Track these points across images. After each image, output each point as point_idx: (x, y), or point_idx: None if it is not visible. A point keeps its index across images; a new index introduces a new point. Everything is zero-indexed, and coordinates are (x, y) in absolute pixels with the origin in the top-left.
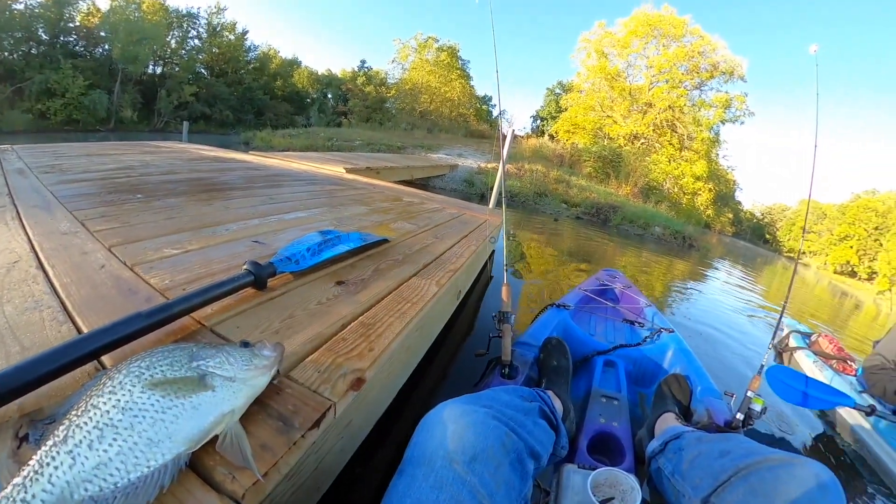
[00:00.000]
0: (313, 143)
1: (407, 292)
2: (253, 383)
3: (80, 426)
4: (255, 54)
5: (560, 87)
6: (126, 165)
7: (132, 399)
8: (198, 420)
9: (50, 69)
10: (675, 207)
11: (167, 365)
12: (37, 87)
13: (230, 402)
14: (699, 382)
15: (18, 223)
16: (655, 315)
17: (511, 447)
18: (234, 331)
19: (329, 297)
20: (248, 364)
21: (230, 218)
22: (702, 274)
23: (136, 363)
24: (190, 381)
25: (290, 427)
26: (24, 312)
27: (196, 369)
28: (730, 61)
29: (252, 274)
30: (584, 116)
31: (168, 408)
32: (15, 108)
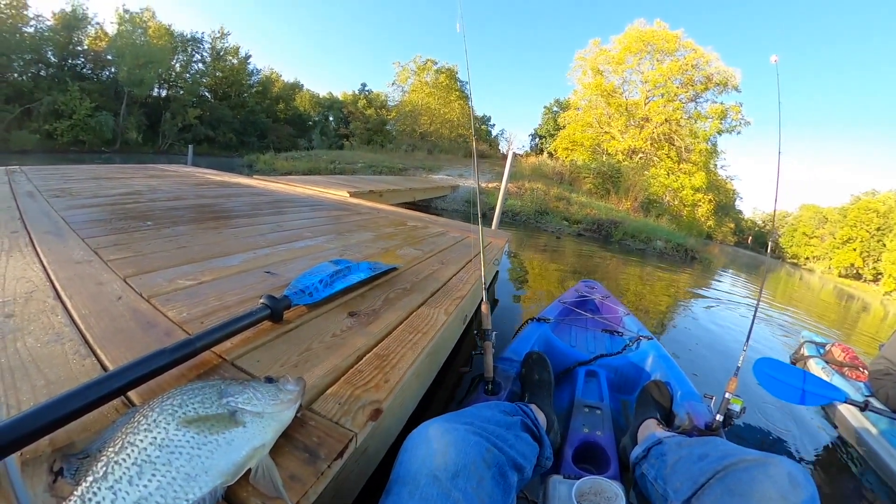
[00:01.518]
0: (316, 166)
1: (417, 322)
2: (280, 417)
3: (118, 462)
4: (257, 78)
5: (557, 104)
6: (134, 190)
7: (168, 436)
8: (232, 455)
9: (58, 91)
10: (676, 220)
11: (199, 402)
12: (45, 108)
13: (261, 437)
14: (679, 387)
15: (32, 250)
16: (634, 323)
17: (492, 461)
18: (255, 365)
19: (343, 328)
20: (274, 399)
21: (240, 247)
22: (704, 286)
23: (169, 401)
24: (222, 418)
25: (316, 458)
26: (46, 345)
27: (226, 406)
28: (723, 72)
29: (269, 308)
30: (582, 133)
31: (203, 444)
32: (24, 129)
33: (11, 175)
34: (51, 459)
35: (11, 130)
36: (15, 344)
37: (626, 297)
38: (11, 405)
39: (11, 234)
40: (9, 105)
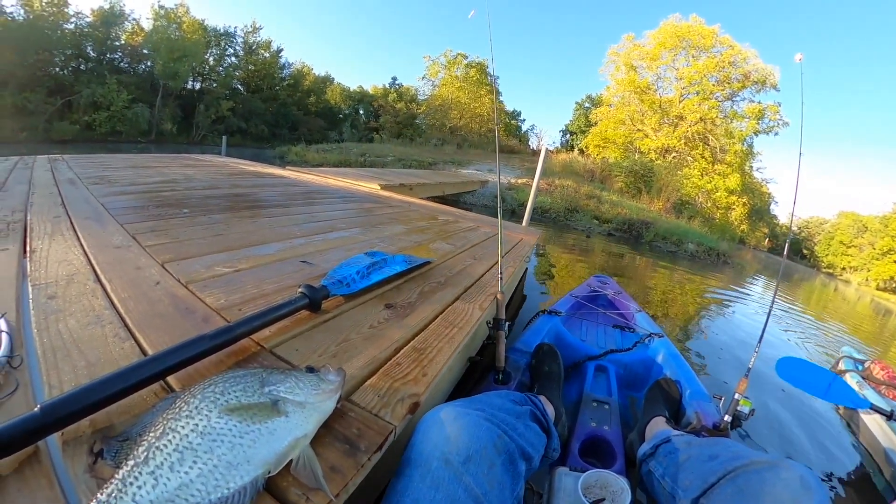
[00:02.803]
0: (346, 159)
1: (452, 316)
2: (322, 408)
3: (160, 448)
4: (289, 71)
5: (589, 100)
6: (170, 179)
7: (209, 424)
8: (274, 444)
9: (97, 84)
10: (709, 223)
11: (241, 391)
12: (84, 101)
13: (303, 427)
14: (688, 386)
15: (73, 234)
16: (645, 320)
17: (503, 448)
18: (293, 353)
19: (380, 320)
20: (316, 389)
21: (275, 237)
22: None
23: (210, 388)
24: (264, 407)
25: (356, 450)
26: (86, 327)
27: (269, 395)
28: (761, 70)
29: (307, 297)
30: (615, 130)
31: (245, 432)
32: (64, 120)
33: (53, 163)
34: (91, 441)
35: (53, 121)
36: (57, 325)
37: (652, 300)
38: (53, 385)
39: (54, 219)
40: (51, 98)
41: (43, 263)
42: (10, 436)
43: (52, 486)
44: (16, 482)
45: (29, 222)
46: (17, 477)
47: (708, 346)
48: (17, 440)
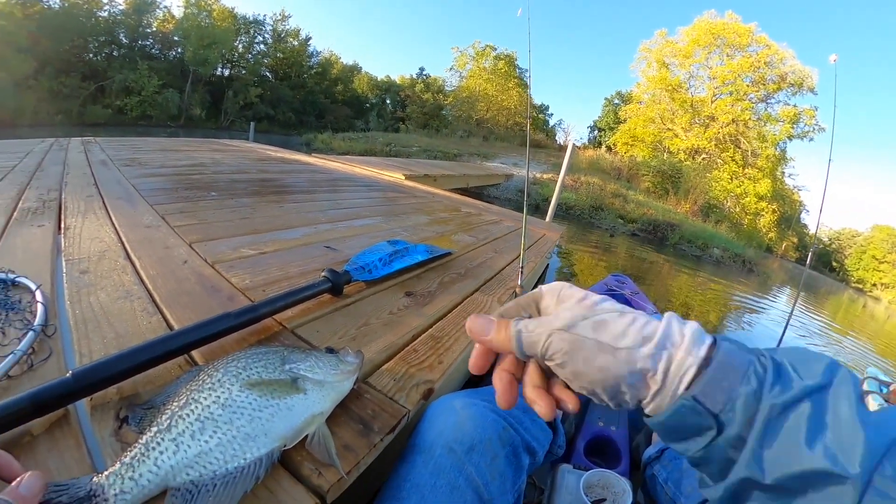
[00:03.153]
0: (372, 148)
1: (471, 307)
2: (339, 388)
3: (182, 417)
4: (317, 60)
5: (618, 97)
6: (198, 162)
7: (231, 396)
8: (291, 419)
9: (128, 70)
10: (736, 228)
11: (262, 367)
12: (117, 86)
13: (320, 405)
14: None
15: (105, 213)
16: None
17: (507, 441)
18: (314, 335)
19: (400, 307)
20: (335, 369)
21: (301, 221)
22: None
23: (234, 363)
24: (284, 384)
25: (370, 431)
26: (116, 301)
27: (289, 372)
28: (798, 72)
29: (330, 281)
30: (644, 129)
31: (264, 407)
32: (97, 104)
33: (87, 145)
34: (117, 407)
35: (87, 105)
36: (88, 298)
37: (673, 304)
38: (84, 353)
39: (87, 198)
40: (85, 83)
41: (76, 240)
42: (43, 398)
43: (80, 447)
44: (46, 442)
45: (63, 201)
46: (47, 437)
47: None
48: (49, 403)
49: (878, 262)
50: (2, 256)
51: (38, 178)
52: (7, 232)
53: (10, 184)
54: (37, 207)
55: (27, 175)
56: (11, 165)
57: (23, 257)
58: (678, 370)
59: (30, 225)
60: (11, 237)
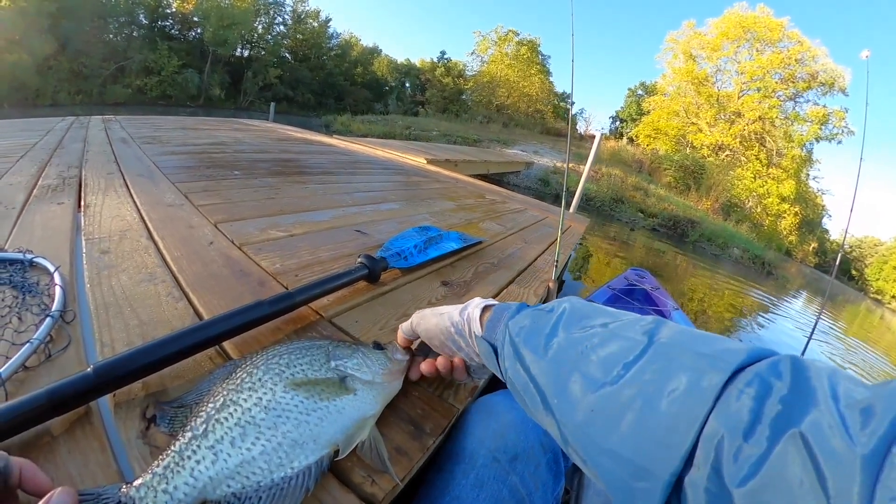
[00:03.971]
0: (392, 131)
1: (508, 300)
2: (390, 388)
3: (220, 421)
4: (337, 41)
5: (643, 88)
6: (220, 141)
7: (274, 398)
8: (342, 423)
9: (148, 50)
10: (757, 229)
11: (307, 364)
12: (137, 66)
13: (371, 407)
14: None
15: (126, 191)
16: (683, 319)
17: (549, 447)
18: (353, 325)
19: (438, 297)
20: (384, 368)
21: (327, 203)
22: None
23: (275, 360)
24: (332, 384)
25: (421, 432)
26: (139, 284)
27: (336, 370)
28: (830, 71)
29: (367, 268)
30: (667, 122)
31: (312, 409)
32: (117, 84)
33: (107, 123)
34: (144, 405)
35: (107, 85)
36: (110, 280)
37: (689, 303)
38: (105, 342)
39: (108, 176)
40: (105, 63)
41: (97, 218)
42: (62, 395)
43: (104, 450)
44: (66, 443)
45: (84, 178)
46: (68, 437)
47: None
48: (69, 400)
49: None
50: (21, 234)
51: (59, 156)
52: (27, 209)
53: (30, 161)
54: (57, 185)
55: (48, 152)
56: (32, 143)
57: (42, 235)
58: (474, 315)
59: (49, 202)
60: (31, 215)
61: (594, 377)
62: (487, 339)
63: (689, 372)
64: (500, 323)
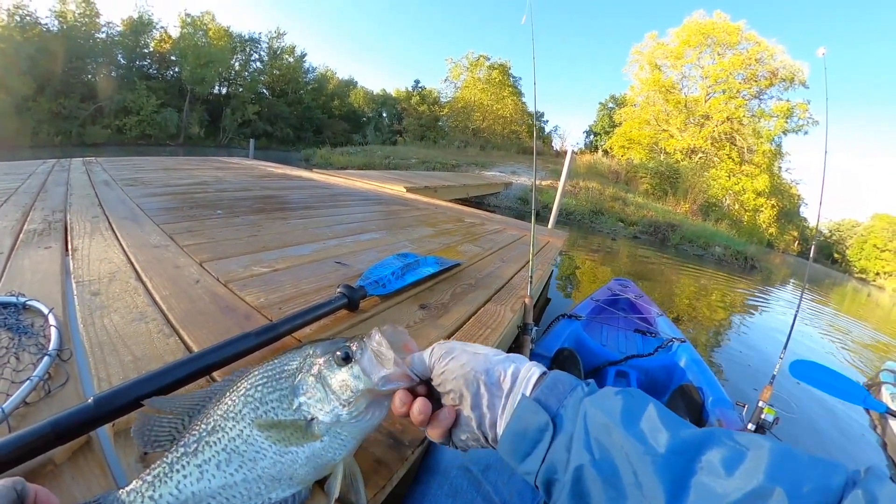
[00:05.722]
0: (371, 162)
1: (485, 318)
2: (361, 426)
3: (209, 444)
4: (313, 75)
5: (613, 100)
6: (201, 181)
7: (252, 434)
8: (314, 466)
9: (127, 90)
10: (736, 225)
11: (276, 400)
12: (115, 106)
13: (340, 451)
14: (711, 393)
15: (112, 234)
16: (667, 324)
17: None
18: None
19: (416, 320)
20: (352, 401)
21: (309, 238)
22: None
23: (252, 392)
24: (298, 428)
25: (400, 445)
26: (131, 323)
27: (300, 410)
28: (789, 67)
29: (346, 297)
30: (639, 131)
31: (284, 453)
32: (96, 124)
33: (88, 166)
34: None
35: (86, 126)
36: (102, 320)
37: (678, 304)
38: (102, 378)
39: (93, 219)
40: (84, 103)
41: (85, 261)
42: (65, 425)
43: (106, 475)
44: (70, 470)
45: (69, 222)
46: (71, 465)
47: (733, 352)
48: (71, 429)
49: (879, 250)
50: (10, 279)
51: (42, 200)
52: (14, 254)
53: (14, 206)
54: (42, 229)
55: (31, 197)
56: (14, 187)
57: (32, 279)
58: (525, 375)
59: (36, 247)
60: (19, 259)
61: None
62: (544, 405)
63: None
64: (569, 396)
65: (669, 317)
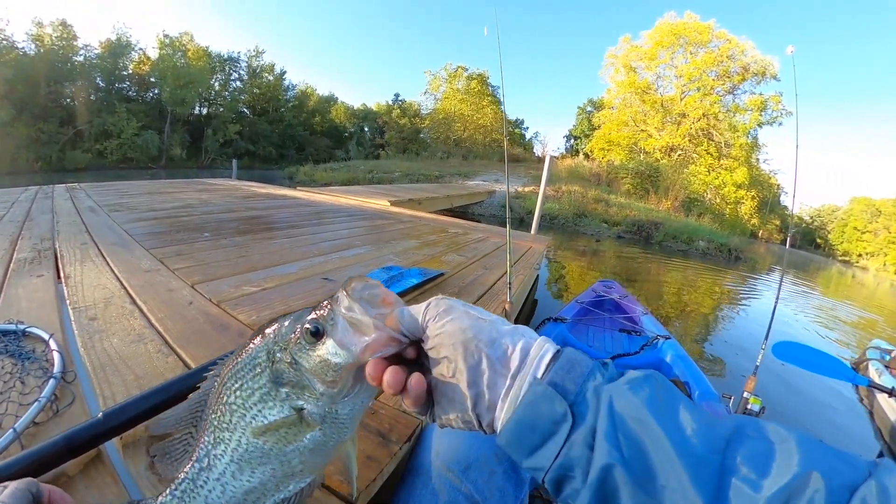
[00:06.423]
0: (354, 177)
1: None
2: (356, 408)
3: (217, 457)
4: (293, 93)
5: (591, 104)
6: (186, 204)
7: (251, 442)
8: (321, 455)
9: (107, 113)
10: (719, 219)
11: (259, 402)
12: (95, 129)
13: (346, 431)
14: (697, 387)
15: (103, 260)
16: (652, 322)
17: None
18: None
19: None
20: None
21: (295, 256)
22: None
23: (231, 398)
24: (291, 424)
25: (388, 441)
26: (130, 344)
27: (287, 404)
28: (760, 61)
29: None
30: (618, 132)
31: (287, 451)
32: (77, 149)
33: (72, 192)
34: (149, 443)
35: (66, 151)
36: (102, 343)
37: (665, 301)
38: (107, 396)
39: (82, 246)
40: (63, 128)
41: (79, 288)
42: (78, 438)
43: (117, 483)
44: (83, 480)
45: (58, 250)
46: (83, 476)
47: (722, 344)
48: (83, 443)
49: (860, 232)
50: (6, 308)
51: (29, 228)
52: (7, 283)
53: (0, 236)
54: (33, 258)
55: (17, 225)
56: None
57: (28, 307)
58: (536, 352)
59: (29, 275)
60: (13, 288)
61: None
62: (560, 391)
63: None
64: (587, 380)
65: (657, 314)
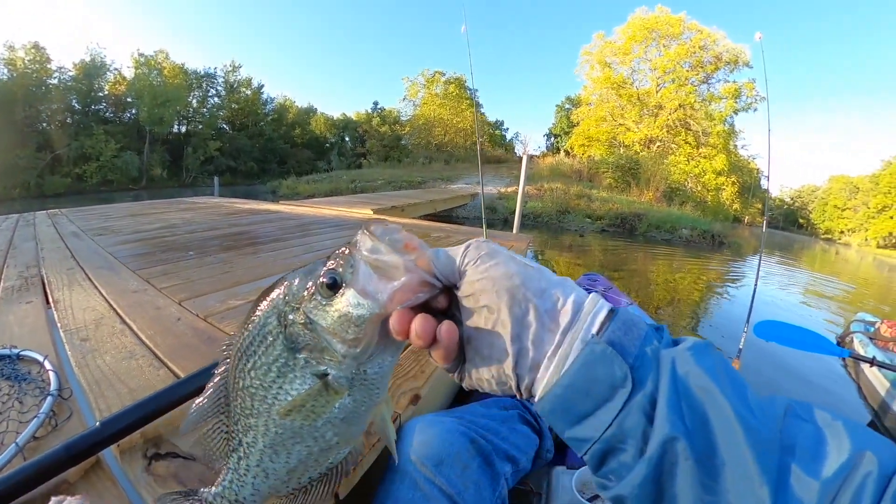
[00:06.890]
0: (337, 187)
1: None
2: (388, 360)
3: (251, 445)
4: (272, 106)
5: (569, 101)
6: (170, 224)
7: (278, 424)
8: (356, 423)
9: (84, 135)
10: (701, 206)
11: (278, 376)
12: (73, 153)
13: (378, 394)
14: None
15: (90, 283)
16: (638, 312)
17: (478, 451)
18: None
19: None
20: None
21: (279, 269)
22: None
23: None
24: (318, 393)
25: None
26: (122, 361)
27: (308, 367)
28: (732, 50)
29: None
30: (597, 128)
31: (318, 426)
32: (55, 173)
33: (54, 218)
34: (144, 448)
35: (45, 176)
36: (95, 361)
37: (653, 291)
38: (103, 409)
39: (68, 271)
40: (40, 153)
41: (69, 311)
42: (77, 446)
43: (116, 486)
44: (84, 486)
45: (45, 276)
46: (84, 482)
47: (707, 328)
48: (83, 451)
49: (840, 210)
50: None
51: (13, 257)
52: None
53: None
54: (20, 285)
55: (0, 254)
56: None
57: (20, 333)
58: (591, 307)
59: (18, 302)
60: (3, 316)
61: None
62: (619, 350)
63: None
64: (646, 343)
65: (644, 304)
